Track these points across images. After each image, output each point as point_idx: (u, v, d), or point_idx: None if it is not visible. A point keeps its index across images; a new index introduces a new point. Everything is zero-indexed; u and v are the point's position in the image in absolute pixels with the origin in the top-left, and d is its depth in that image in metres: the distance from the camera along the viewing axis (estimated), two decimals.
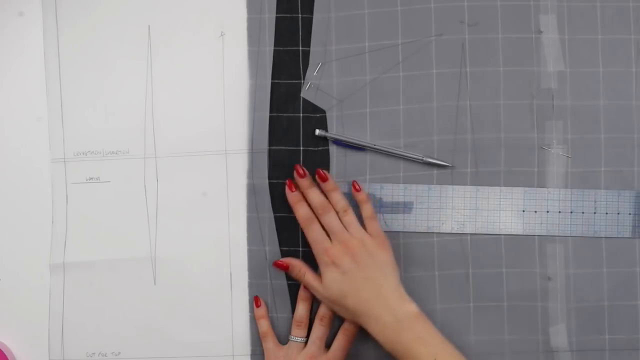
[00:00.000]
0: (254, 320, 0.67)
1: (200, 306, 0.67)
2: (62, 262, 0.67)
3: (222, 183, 0.68)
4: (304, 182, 0.64)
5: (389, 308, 0.60)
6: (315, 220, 0.63)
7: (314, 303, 0.66)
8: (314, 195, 0.64)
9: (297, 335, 0.65)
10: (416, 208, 0.67)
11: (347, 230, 0.62)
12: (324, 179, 0.64)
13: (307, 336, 0.65)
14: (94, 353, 0.67)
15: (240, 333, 0.67)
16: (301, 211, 0.63)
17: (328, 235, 0.63)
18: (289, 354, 0.64)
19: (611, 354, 0.66)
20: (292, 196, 0.64)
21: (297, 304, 0.66)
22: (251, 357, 0.67)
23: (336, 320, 0.66)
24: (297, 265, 0.65)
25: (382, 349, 0.60)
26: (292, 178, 0.66)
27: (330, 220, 0.63)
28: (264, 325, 0.66)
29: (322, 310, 0.65)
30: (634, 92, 0.67)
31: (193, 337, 0.67)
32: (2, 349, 0.67)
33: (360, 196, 0.64)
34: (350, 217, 0.63)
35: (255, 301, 0.67)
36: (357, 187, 0.64)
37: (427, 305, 0.66)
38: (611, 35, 0.67)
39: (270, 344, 0.65)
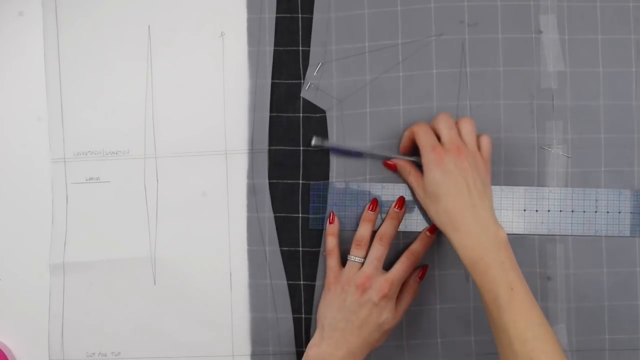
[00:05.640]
0: (254, 320, 0.67)
1: (200, 306, 0.67)
2: (62, 262, 0.67)
3: (222, 183, 0.68)
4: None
5: (480, 225, 0.58)
6: (430, 128, 0.62)
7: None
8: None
9: (356, 255, 0.64)
10: (417, 208, 0.67)
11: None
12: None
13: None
14: (94, 353, 0.67)
15: (240, 333, 0.67)
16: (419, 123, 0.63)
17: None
18: (346, 273, 0.63)
19: (611, 354, 0.66)
20: None
21: (360, 224, 0.65)
22: (251, 357, 0.67)
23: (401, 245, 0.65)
24: (404, 165, 0.65)
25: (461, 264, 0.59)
26: (290, 178, 0.66)
27: (451, 132, 0.61)
28: (332, 242, 0.65)
29: (383, 230, 0.64)
30: (634, 92, 0.67)
31: (193, 337, 0.67)
32: (2, 349, 0.67)
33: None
34: (470, 127, 0.61)
35: (330, 217, 0.66)
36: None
37: (427, 305, 0.66)
38: (611, 35, 0.67)
39: (333, 261, 0.64)
